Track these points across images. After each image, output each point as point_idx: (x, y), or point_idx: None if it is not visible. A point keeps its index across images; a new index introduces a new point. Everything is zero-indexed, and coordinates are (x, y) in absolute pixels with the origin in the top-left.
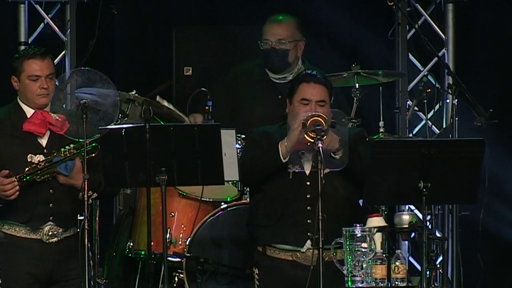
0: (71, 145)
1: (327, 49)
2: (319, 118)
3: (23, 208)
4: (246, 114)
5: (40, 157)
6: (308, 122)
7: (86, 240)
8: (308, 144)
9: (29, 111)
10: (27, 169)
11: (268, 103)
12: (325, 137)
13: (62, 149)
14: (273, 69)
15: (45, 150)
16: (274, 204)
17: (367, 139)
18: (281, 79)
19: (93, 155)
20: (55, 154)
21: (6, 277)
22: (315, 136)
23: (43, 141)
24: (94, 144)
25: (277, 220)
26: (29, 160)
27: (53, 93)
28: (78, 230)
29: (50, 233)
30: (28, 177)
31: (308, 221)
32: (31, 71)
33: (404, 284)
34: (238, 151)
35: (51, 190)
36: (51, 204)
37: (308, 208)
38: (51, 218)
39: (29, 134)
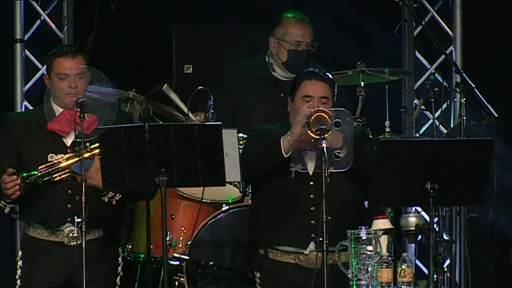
0: (87, 144)
1: (332, 46)
2: (323, 114)
3: (41, 208)
4: (247, 113)
5: (61, 158)
6: (312, 118)
7: (84, 242)
8: (312, 141)
9: (58, 111)
10: (40, 167)
11: (270, 102)
12: (328, 133)
13: (76, 148)
14: (296, 70)
15: (68, 150)
16: (276, 205)
17: (371, 138)
18: (286, 78)
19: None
20: (73, 153)
21: (26, 280)
22: (318, 134)
23: (68, 141)
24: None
25: (279, 221)
26: (49, 159)
27: (84, 93)
28: (104, 233)
29: (70, 235)
30: (39, 177)
31: (312, 222)
32: (60, 69)
33: None
34: (240, 151)
35: (69, 191)
36: (69, 205)
37: (311, 208)
38: (69, 219)
39: (53, 134)
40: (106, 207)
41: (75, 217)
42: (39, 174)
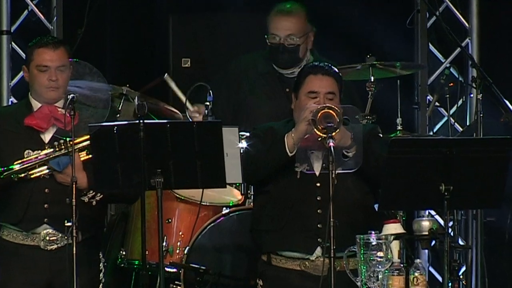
0: (67, 139)
1: (339, 39)
2: (330, 111)
3: (15, 207)
4: (250, 110)
5: (38, 154)
6: (318, 115)
7: (74, 250)
8: (319, 139)
9: (37, 106)
10: (16, 163)
11: (274, 98)
12: (335, 131)
13: (55, 143)
14: (281, 65)
15: (46, 147)
16: (280, 207)
17: (381, 136)
18: (290, 74)
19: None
20: (52, 149)
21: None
22: (325, 132)
23: (46, 137)
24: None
25: (283, 225)
26: (26, 156)
27: (65, 88)
28: (84, 237)
29: (47, 238)
30: (15, 172)
31: (318, 226)
32: (40, 60)
33: None
34: (241, 151)
35: (46, 189)
36: (46, 205)
37: (318, 211)
38: (45, 220)
39: (30, 129)
40: (85, 208)
41: (65, 221)
42: (17, 169)
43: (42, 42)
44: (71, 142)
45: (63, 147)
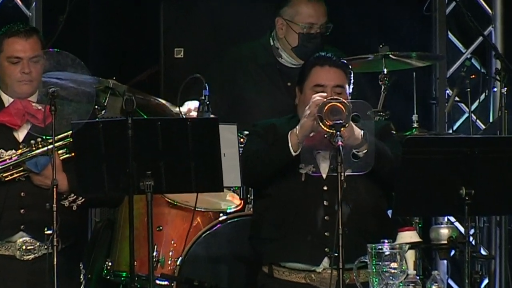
0: (45, 137)
1: (348, 27)
2: (338, 104)
3: None
4: (247, 105)
5: (13, 153)
6: (325, 109)
7: (55, 260)
8: (325, 136)
9: (9, 101)
10: None
11: (275, 92)
12: (344, 129)
13: (32, 142)
14: (307, 56)
15: (20, 146)
16: (283, 213)
17: (395, 134)
18: (299, 64)
19: (72, 154)
20: (27, 148)
21: None
22: (333, 129)
23: (20, 135)
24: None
25: (287, 233)
26: None
27: (39, 80)
28: (64, 246)
29: (24, 247)
30: None
31: (326, 234)
32: (11, 51)
33: None
34: (240, 151)
35: (22, 193)
36: (22, 210)
37: (325, 218)
38: (22, 227)
39: (2, 127)
40: (65, 213)
41: (45, 229)
42: None
43: (12, 31)
44: (50, 141)
45: (40, 146)
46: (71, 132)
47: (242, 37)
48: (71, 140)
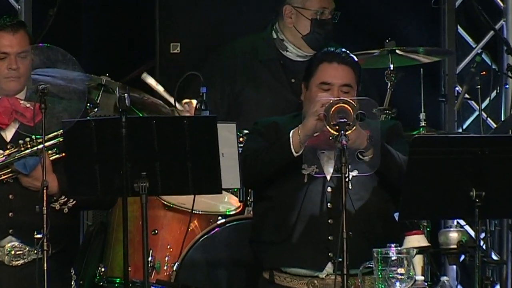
0: (34, 137)
1: (353, 20)
2: (345, 105)
3: None
4: (249, 103)
5: (0, 154)
6: (331, 110)
7: (45, 266)
8: (330, 138)
9: None
10: None
11: (278, 89)
12: (350, 130)
13: (20, 142)
14: (320, 45)
15: (8, 146)
16: (285, 216)
17: (402, 134)
18: (306, 58)
19: (63, 154)
20: (16, 149)
21: None
22: (338, 129)
23: (8, 135)
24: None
25: (288, 236)
26: None
27: (28, 77)
28: (54, 251)
29: (13, 252)
30: None
31: (329, 238)
32: None
33: None
34: (239, 151)
35: (10, 195)
36: (10, 213)
37: (329, 221)
38: (10, 231)
39: None
40: (56, 216)
41: (35, 233)
42: None
43: None
44: (39, 140)
45: (29, 146)
46: (61, 131)
47: (241, 31)
48: (62, 140)
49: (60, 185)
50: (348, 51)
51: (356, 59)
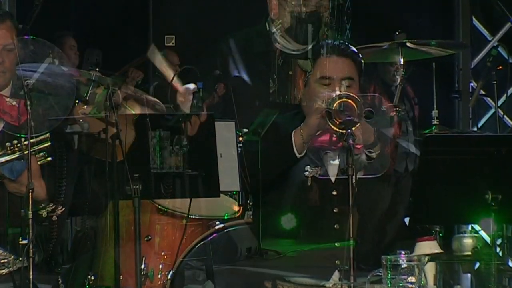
0: (21, 139)
1: (360, 12)
2: (349, 100)
3: None
4: (245, 96)
5: None
6: (334, 106)
7: (31, 275)
8: (334, 137)
9: None
10: None
11: (274, 82)
12: (356, 127)
13: (7, 144)
14: (304, 40)
15: None
16: (288, 222)
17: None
18: (301, 50)
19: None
20: (2, 151)
21: None
22: (343, 128)
23: None
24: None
25: (292, 243)
26: None
27: (13, 72)
28: (41, 258)
29: None
30: None
31: (336, 244)
32: None
33: None
34: (238, 151)
35: None
36: None
37: (335, 226)
38: None
39: None
40: (42, 222)
41: (20, 239)
42: None
43: None
44: (26, 142)
45: (16, 149)
46: (49, 134)
47: (236, 22)
48: (50, 143)
49: (48, 191)
50: (347, 42)
51: (355, 50)
